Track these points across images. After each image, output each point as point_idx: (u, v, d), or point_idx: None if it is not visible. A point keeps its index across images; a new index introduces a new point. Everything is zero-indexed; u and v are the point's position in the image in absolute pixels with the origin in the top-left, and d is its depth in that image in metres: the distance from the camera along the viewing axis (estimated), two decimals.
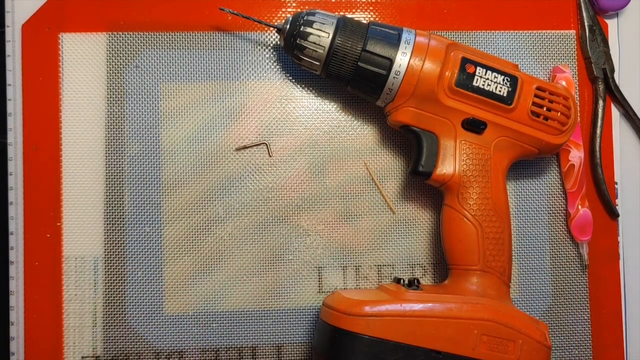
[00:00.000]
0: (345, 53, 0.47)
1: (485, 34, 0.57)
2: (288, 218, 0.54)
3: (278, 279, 0.53)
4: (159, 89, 0.54)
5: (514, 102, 0.48)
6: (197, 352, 0.52)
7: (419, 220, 0.55)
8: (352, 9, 0.56)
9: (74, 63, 0.53)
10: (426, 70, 0.47)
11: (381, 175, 0.55)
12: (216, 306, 0.53)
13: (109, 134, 0.53)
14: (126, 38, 0.54)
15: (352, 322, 0.43)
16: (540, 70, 0.57)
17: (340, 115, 0.55)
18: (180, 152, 0.54)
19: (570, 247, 0.56)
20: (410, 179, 0.55)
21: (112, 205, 0.53)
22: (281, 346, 0.53)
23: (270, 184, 0.54)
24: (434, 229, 0.55)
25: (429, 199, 0.55)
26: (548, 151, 0.50)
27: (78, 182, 0.53)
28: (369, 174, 0.55)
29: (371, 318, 0.43)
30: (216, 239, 0.53)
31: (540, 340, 0.45)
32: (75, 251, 0.52)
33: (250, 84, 0.55)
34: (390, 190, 0.55)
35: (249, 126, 0.54)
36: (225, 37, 0.55)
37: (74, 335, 0.52)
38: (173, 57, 0.54)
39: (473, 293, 0.47)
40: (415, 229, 0.55)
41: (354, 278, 0.54)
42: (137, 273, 0.52)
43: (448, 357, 0.43)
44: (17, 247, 0.52)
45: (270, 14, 0.55)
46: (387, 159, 0.55)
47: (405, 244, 0.55)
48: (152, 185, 0.53)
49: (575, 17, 0.58)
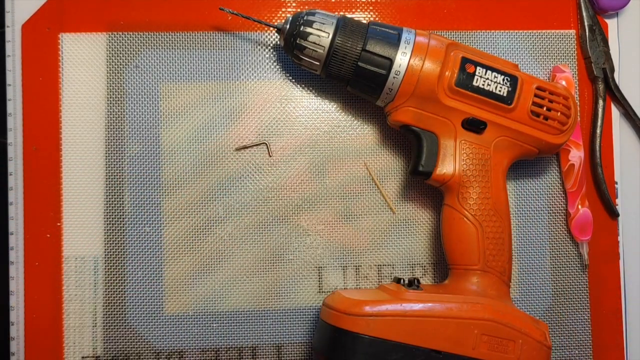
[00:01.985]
0: (345, 53, 0.47)
1: (485, 34, 0.57)
2: (288, 218, 0.54)
3: (278, 279, 0.53)
4: (159, 89, 0.54)
5: (513, 102, 0.48)
6: (197, 352, 0.52)
7: (419, 220, 0.55)
8: (352, 9, 0.56)
9: (74, 63, 0.53)
10: (426, 70, 0.47)
11: (381, 175, 0.55)
12: (216, 306, 0.53)
13: (109, 134, 0.53)
14: (126, 38, 0.54)
15: (352, 322, 0.43)
16: (540, 70, 0.57)
17: (340, 115, 0.55)
18: (180, 152, 0.54)
19: (571, 247, 0.56)
20: (410, 179, 0.55)
21: (112, 205, 0.53)
22: (281, 346, 0.53)
23: (270, 184, 0.54)
24: (434, 229, 0.55)
25: (429, 199, 0.55)
26: (548, 151, 0.50)
27: (78, 182, 0.53)
28: (369, 174, 0.55)
29: (371, 318, 0.43)
30: (216, 239, 0.53)
31: (540, 340, 0.45)
32: (75, 251, 0.52)
33: (250, 84, 0.55)
34: (390, 190, 0.55)
35: (249, 126, 0.54)
36: (225, 37, 0.55)
37: (74, 335, 0.52)
38: (173, 57, 0.54)
39: (473, 293, 0.46)
40: (415, 229, 0.55)
41: (354, 278, 0.54)
42: (137, 273, 0.52)
43: (448, 357, 0.43)
44: (17, 247, 0.52)
45: (270, 14, 0.55)
46: (387, 159, 0.55)
47: (405, 244, 0.55)
48: (152, 185, 0.53)
49: (575, 16, 0.58)
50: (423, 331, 0.43)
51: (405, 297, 0.45)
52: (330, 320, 0.45)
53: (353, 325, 0.43)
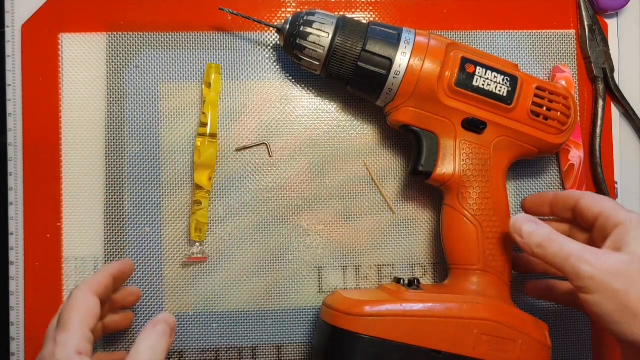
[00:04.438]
0: (345, 53, 0.48)
1: (485, 34, 0.57)
2: (288, 218, 0.54)
3: (278, 279, 0.53)
4: (159, 89, 0.54)
5: (513, 102, 0.48)
6: (197, 352, 0.52)
7: (419, 220, 0.55)
8: (352, 9, 0.56)
9: (74, 63, 0.54)
10: (426, 70, 0.47)
11: (381, 175, 0.55)
12: (216, 306, 0.53)
13: (109, 134, 0.53)
14: (126, 38, 0.54)
15: (352, 322, 0.43)
16: (540, 70, 0.57)
17: (340, 115, 0.55)
18: (180, 152, 0.54)
19: None
20: (410, 179, 0.55)
21: (112, 206, 0.53)
22: (281, 346, 0.53)
23: (270, 184, 0.54)
24: (434, 229, 0.55)
25: (429, 199, 0.55)
26: (548, 151, 0.50)
27: (78, 182, 0.53)
28: (369, 174, 0.55)
29: (371, 318, 0.43)
30: (216, 239, 0.53)
31: (540, 340, 0.45)
32: (75, 251, 0.52)
33: (250, 84, 0.55)
34: (390, 190, 0.55)
35: (249, 126, 0.54)
36: (225, 37, 0.55)
37: None
38: (173, 57, 0.54)
39: (473, 293, 0.47)
40: (415, 229, 0.55)
41: (354, 278, 0.54)
42: (137, 273, 0.52)
43: (448, 357, 0.43)
44: (17, 247, 0.52)
45: (270, 14, 0.55)
46: (387, 159, 0.55)
47: (405, 244, 0.55)
48: (152, 185, 0.53)
49: (575, 16, 0.58)
50: (423, 331, 0.43)
51: (405, 297, 0.45)
52: (331, 321, 0.45)
53: (353, 325, 0.43)
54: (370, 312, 0.43)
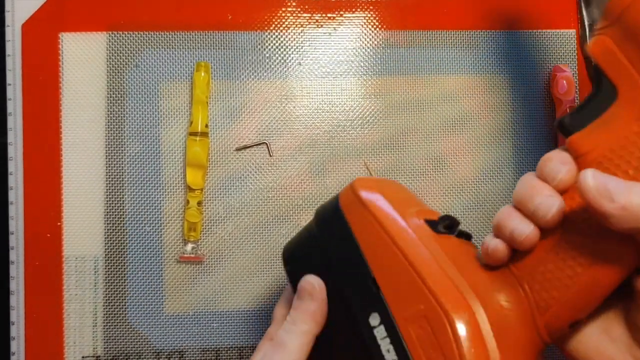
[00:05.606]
0: None
1: (485, 34, 0.57)
2: (288, 218, 0.54)
3: (278, 279, 0.53)
4: (159, 89, 0.54)
5: None
6: (198, 352, 0.52)
7: None
8: (352, 9, 0.56)
9: (74, 63, 0.53)
10: None
11: (381, 175, 0.55)
12: (216, 306, 0.53)
13: (109, 134, 0.53)
14: (126, 38, 0.54)
15: (345, 197, 0.38)
16: (541, 69, 0.57)
17: (340, 115, 0.55)
18: (180, 152, 0.54)
19: None
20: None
21: (112, 205, 0.53)
22: None
23: (270, 184, 0.54)
24: None
25: (428, 199, 0.55)
26: None
27: (78, 182, 0.53)
28: (369, 174, 0.55)
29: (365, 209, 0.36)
30: (216, 239, 0.53)
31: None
32: (76, 251, 0.52)
33: (251, 83, 0.55)
34: None
35: (249, 126, 0.54)
36: (225, 37, 0.55)
37: (75, 335, 0.52)
38: (173, 57, 0.54)
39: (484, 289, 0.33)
40: None
41: None
42: (137, 273, 0.52)
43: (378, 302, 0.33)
44: (17, 247, 0.52)
45: (271, 14, 0.55)
46: (387, 159, 0.55)
47: None
48: (152, 185, 0.53)
49: (575, 16, 0.58)
50: (384, 256, 0.34)
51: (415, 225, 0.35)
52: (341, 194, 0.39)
53: (344, 200, 0.38)
54: (364, 198, 0.37)
